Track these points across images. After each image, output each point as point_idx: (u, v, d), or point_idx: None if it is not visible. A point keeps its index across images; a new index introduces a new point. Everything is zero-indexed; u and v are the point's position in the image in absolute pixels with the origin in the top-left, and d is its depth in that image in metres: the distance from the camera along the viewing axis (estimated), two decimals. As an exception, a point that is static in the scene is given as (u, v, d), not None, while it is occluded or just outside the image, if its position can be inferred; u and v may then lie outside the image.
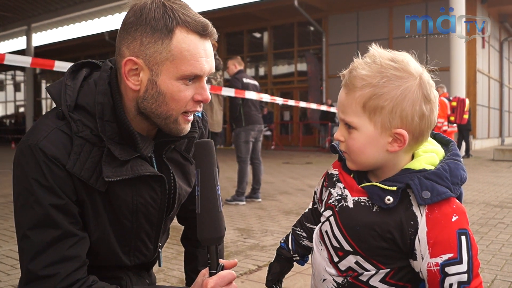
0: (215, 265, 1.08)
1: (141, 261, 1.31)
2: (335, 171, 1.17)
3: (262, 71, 21.20)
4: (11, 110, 32.69)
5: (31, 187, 1.08)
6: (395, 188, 1.00)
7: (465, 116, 11.45)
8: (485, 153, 14.25)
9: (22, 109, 30.27)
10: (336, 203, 1.10)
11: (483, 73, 17.66)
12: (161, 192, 1.24)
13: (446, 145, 1.12)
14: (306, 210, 1.37)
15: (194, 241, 1.52)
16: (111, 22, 20.75)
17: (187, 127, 1.20)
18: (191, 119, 1.20)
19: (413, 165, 1.04)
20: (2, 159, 12.05)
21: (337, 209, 1.09)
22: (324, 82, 18.43)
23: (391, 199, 1.00)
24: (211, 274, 1.07)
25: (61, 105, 1.13)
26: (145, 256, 1.31)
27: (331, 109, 10.21)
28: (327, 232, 1.11)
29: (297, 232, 1.34)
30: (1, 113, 33.37)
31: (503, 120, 21.13)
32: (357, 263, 1.05)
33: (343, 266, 1.08)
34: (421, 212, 0.99)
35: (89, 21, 21.45)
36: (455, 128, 11.48)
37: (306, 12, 16.93)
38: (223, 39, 20.31)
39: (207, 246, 1.07)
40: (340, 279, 1.08)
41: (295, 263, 1.36)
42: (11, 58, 3.88)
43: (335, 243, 1.09)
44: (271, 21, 19.37)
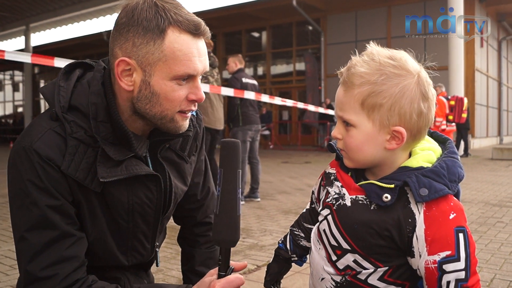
0: (225, 268, 1.06)
1: (139, 260, 1.31)
2: (332, 170, 1.16)
3: (260, 71, 21.20)
4: (9, 110, 32.69)
5: (26, 189, 1.08)
6: (392, 185, 1.00)
7: (463, 115, 11.44)
8: (484, 152, 14.27)
9: (20, 109, 30.28)
10: (334, 202, 1.10)
11: (481, 72, 17.67)
12: (156, 191, 1.24)
13: (443, 143, 1.12)
14: (304, 210, 1.36)
15: (190, 240, 1.51)
16: (109, 22, 20.71)
17: (185, 124, 1.19)
18: (189, 115, 1.19)
19: (411, 163, 1.04)
20: (0, 159, 12.01)
21: (335, 208, 1.09)
22: (322, 81, 18.43)
23: (389, 197, 0.99)
24: (220, 276, 1.06)
25: (55, 106, 1.13)
26: (142, 255, 1.31)
27: (329, 111, 10.15)
28: (325, 231, 1.11)
29: (295, 232, 1.33)
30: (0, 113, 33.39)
31: (502, 119, 21.14)
32: (355, 261, 1.05)
33: (341, 264, 1.07)
34: (418, 209, 0.99)
35: (87, 21, 21.40)
36: (454, 127, 11.46)
37: (304, 11, 16.92)
38: (222, 39, 20.31)
39: (220, 247, 1.05)
40: (338, 278, 1.08)
41: (293, 264, 1.35)
42: (11, 54, 3.88)
43: (333, 242, 1.09)
44: (270, 20, 19.37)
